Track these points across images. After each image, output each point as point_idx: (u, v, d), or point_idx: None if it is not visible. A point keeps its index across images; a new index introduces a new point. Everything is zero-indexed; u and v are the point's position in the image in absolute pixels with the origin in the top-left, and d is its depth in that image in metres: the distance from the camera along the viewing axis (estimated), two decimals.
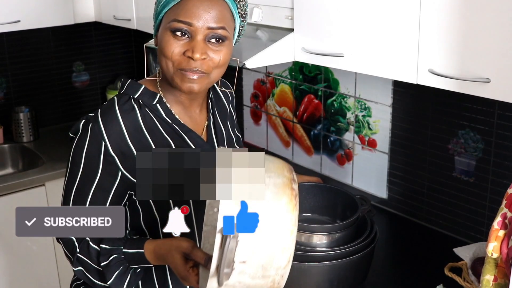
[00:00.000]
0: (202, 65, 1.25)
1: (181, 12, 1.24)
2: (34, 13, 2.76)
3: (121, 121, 1.28)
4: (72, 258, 1.31)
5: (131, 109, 1.31)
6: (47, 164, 2.75)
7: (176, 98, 1.36)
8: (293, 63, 2.49)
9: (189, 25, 1.24)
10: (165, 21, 1.27)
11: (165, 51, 1.25)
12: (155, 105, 1.33)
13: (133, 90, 1.34)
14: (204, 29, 1.25)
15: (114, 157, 1.27)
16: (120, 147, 1.27)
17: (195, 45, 1.24)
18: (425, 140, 2.05)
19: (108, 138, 1.26)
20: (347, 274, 1.66)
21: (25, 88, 3.14)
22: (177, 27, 1.24)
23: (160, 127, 1.33)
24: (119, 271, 1.26)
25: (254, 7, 2.05)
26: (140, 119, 1.31)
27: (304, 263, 1.62)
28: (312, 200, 1.87)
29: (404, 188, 2.17)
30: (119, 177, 1.29)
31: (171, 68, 1.26)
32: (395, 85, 2.11)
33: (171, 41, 1.25)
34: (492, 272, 1.29)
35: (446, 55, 1.49)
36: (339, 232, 1.67)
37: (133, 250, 1.25)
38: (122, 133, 1.28)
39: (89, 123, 1.29)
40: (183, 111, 1.38)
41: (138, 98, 1.33)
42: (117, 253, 1.26)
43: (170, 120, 1.34)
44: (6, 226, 2.57)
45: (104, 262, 1.26)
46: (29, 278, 2.69)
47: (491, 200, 1.89)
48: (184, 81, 1.26)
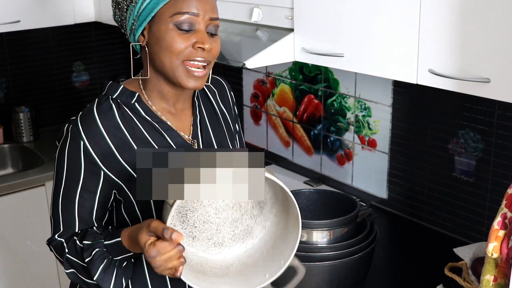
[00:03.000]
0: (208, 55, 1.29)
1: (183, 5, 1.26)
2: (34, 13, 2.75)
3: (99, 121, 1.30)
4: (63, 259, 1.31)
5: (108, 109, 1.32)
6: (47, 164, 2.75)
7: (161, 95, 1.36)
8: (293, 63, 2.49)
9: (194, 15, 1.26)
10: (164, 16, 1.27)
11: (172, 47, 1.27)
12: (133, 104, 1.34)
13: (112, 90, 1.36)
14: (206, 20, 1.28)
15: (94, 156, 1.29)
16: (100, 146, 1.29)
17: (203, 36, 1.27)
18: (425, 140, 2.05)
19: (86, 138, 1.28)
20: (347, 274, 1.66)
21: (25, 88, 3.14)
22: (182, 19, 1.26)
23: (139, 125, 1.34)
24: (103, 265, 1.25)
25: (254, 7, 2.05)
26: (118, 118, 1.32)
27: (304, 263, 1.62)
28: (312, 205, 1.87)
29: (404, 188, 2.17)
30: (102, 177, 1.31)
31: (175, 63, 1.27)
32: (395, 85, 2.11)
33: (177, 35, 1.27)
34: (492, 272, 1.29)
35: (446, 55, 1.49)
36: (339, 228, 1.67)
37: (112, 241, 1.25)
38: (100, 133, 1.29)
39: (69, 125, 1.31)
40: (167, 108, 1.38)
41: (117, 98, 1.34)
42: (99, 247, 1.26)
43: (149, 118, 1.35)
44: (6, 226, 2.58)
45: (88, 258, 1.26)
46: (29, 278, 2.69)
47: (491, 200, 1.89)
48: (189, 77, 1.29)
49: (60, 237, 1.33)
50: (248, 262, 1.27)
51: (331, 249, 1.65)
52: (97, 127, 1.29)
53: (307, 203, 1.86)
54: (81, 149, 1.29)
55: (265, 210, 1.29)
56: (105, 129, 1.30)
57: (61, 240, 1.32)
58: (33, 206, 2.64)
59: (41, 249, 2.67)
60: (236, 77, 2.83)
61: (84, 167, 1.30)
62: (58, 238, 1.33)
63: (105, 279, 1.26)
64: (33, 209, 2.64)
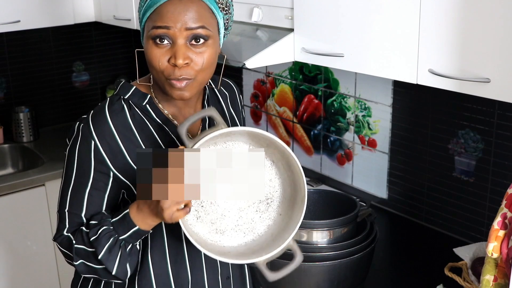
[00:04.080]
0: (187, 71, 1.24)
1: (157, 18, 1.24)
2: (34, 13, 2.76)
3: (110, 121, 1.30)
4: (71, 253, 1.31)
5: (120, 109, 1.32)
6: (47, 164, 2.75)
7: (169, 101, 1.36)
8: (293, 63, 2.49)
9: (167, 28, 1.23)
10: (146, 29, 1.27)
11: (152, 62, 1.26)
12: (144, 106, 1.34)
13: (124, 91, 1.35)
14: (183, 31, 1.23)
15: (104, 156, 1.29)
16: (110, 146, 1.29)
17: (177, 50, 1.23)
18: (425, 140, 2.05)
19: (97, 137, 1.28)
20: (347, 274, 1.66)
21: (25, 88, 3.14)
22: (156, 33, 1.24)
23: (150, 127, 1.34)
24: (109, 244, 1.25)
25: (254, 7, 2.05)
26: (129, 119, 1.32)
27: (304, 263, 1.62)
28: (312, 205, 1.87)
29: (404, 188, 2.17)
30: (112, 177, 1.31)
31: (161, 77, 1.27)
32: (395, 85, 2.11)
33: (154, 50, 1.25)
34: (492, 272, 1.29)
35: (446, 55, 1.49)
36: (339, 228, 1.67)
37: (119, 216, 1.25)
38: (111, 132, 1.29)
39: (80, 124, 1.31)
40: (177, 111, 1.38)
41: (128, 99, 1.34)
42: (106, 225, 1.26)
43: (160, 121, 1.34)
44: (6, 226, 2.58)
45: (93, 237, 1.26)
46: (29, 278, 2.69)
47: (491, 200, 1.89)
48: (173, 90, 1.26)
49: (67, 232, 1.33)
50: (246, 252, 1.28)
51: (331, 249, 1.65)
52: (109, 127, 1.29)
53: (307, 203, 1.86)
54: (91, 148, 1.29)
55: (271, 207, 1.30)
56: (116, 130, 1.30)
57: (67, 234, 1.32)
58: (33, 206, 2.64)
59: (41, 249, 2.68)
60: (236, 77, 2.83)
61: (94, 166, 1.29)
62: (65, 233, 1.33)
63: (110, 259, 1.26)
64: (33, 209, 2.64)
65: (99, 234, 1.26)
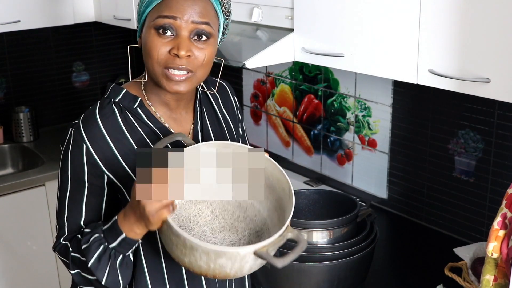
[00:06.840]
0: (188, 63, 1.24)
1: (165, 8, 1.23)
2: (34, 13, 2.76)
3: (101, 125, 1.29)
4: (69, 261, 1.29)
5: (111, 113, 1.31)
6: (47, 164, 2.75)
7: (161, 99, 1.35)
8: (293, 63, 2.49)
9: (174, 19, 1.22)
10: (149, 20, 1.26)
11: (151, 51, 1.24)
12: (135, 109, 1.33)
13: (114, 94, 1.34)
14: (188, 24, 1.23)
15: (96, 159, 1.28)
16: (103, 150, 1.28)
17: (180, 41, 1.23)
18: (425, 140, 2.05)
19: (89, 141, 1.27)
20: (347, 274, 1.66)
21: (25, 88, 3.14)
22: (161, 23, 1.23)
23: (140, 130, 1.33)
24: (98, 252, 1.23)
25: (254, 7, 2.05)
26: (120, 122, 1.31)
27: (304, 263, 1.62)
28: (312, 205, 1.87)
29: (404, 188, 2.17)
30: (106, 181, 1.30)
31: (157, 68, 1.25)
32: (395, 85, 2.11)
33: (156, 40, 1.24)
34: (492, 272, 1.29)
35: (446, 55, 1.49)
36: (339, 228, 1.67)
37: (109, 224, 1.24)
38: (103, 136, 1.28)
39: (72, 129, 1.31)
40: (168, 113, 1.37)
41: (119, 102, 1.33)
42: (97, 232, 1.24)
43: (151, 123, 1.34)
44: (6, 226, 2.58)
45: (85, 245, 1.24)
46: (29, 278, 2.69)
47: (491, 200, 1.89)
48: (170, 82, 1.25)
49: (64, 240, 1.32)
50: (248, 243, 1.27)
51: (331, 249, 1.65)
52: (100, 131, 1.29)
53: (307, 203, 1.86)
54: (83, 152, 1.28)
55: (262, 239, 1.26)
56: (107, 133, 1.29)
57: (65, 243, 1.31)
58: (33, 206, 2.64)
59: (41, 249, 2.68)
60: (236, 77, 2.83)
61: (88, 170, 1.29)
62: (63, 241, 1.32)
63: (99, 268, 1.23)
64: (33, 209, 2.64)
65: (90, 242, 1.24)
